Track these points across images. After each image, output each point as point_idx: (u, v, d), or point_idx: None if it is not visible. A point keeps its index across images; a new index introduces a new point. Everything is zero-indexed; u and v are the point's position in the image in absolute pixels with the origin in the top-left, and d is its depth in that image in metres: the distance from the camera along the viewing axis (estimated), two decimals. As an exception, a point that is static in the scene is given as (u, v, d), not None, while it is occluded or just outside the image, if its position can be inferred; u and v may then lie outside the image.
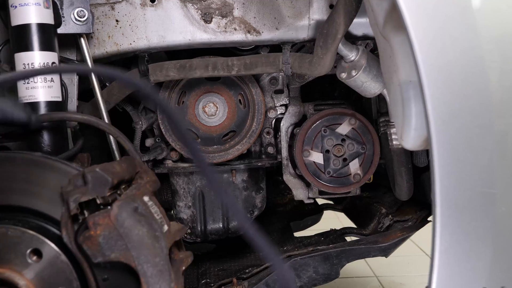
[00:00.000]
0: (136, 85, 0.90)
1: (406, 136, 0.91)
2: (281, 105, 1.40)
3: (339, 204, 1.90)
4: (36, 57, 0.96)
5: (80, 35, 1.07)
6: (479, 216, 0.75)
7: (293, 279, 1.20)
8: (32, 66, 0.96)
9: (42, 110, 0.96)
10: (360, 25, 1.15)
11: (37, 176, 0.86)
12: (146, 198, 0.82)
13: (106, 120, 1.11)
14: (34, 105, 0.95)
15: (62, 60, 1.11)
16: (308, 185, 1.40)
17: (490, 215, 0.75)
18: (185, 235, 1.47)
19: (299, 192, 1.42)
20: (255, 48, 1.27)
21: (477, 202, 0.74)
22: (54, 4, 1.01)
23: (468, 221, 0.75)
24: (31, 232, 0.83)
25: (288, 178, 1.40)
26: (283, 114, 1.39)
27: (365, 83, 1.11)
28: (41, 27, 0.96)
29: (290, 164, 1.39)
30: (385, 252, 1.30)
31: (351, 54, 1.11)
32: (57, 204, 0.82)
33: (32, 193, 0.86)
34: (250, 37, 1.15)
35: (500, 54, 0.71)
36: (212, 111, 1.33)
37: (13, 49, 0.98)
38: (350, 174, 1.33)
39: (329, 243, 1.37)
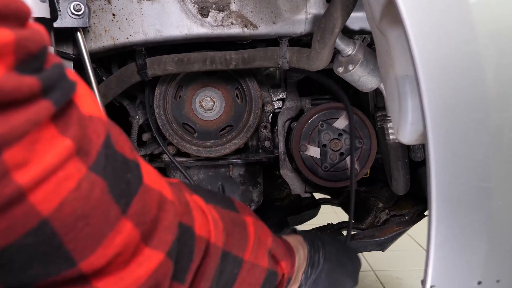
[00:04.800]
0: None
1: (403, 131, 0.92)
2: (278, 100, 1.40)
3: (336, 199, 1.90)
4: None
5: (76, 29, 1.06)
6: (475, 210, 0.75)
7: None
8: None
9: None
10: (357, 19, 1.15)
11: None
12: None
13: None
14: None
15: (58, 54, 1.11)
16: (305, 179, 1.41)
17: (485, 209, 0.75)
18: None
19: (296, 187, 1.42)
20: (252, 43, 1.27)
21: (472, 196, 0.74)
22: (50, -2, 1.00)
23: (464, 215, 0.75)
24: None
25: (285, 172, 1.40)
26: (280, 108, 1.39)
27: (362, 77, 1.11)
28: (37, 21, 0.96)
29: (287, 159, 1.39)
30: (382, 246, 1.31)
31: (348, 49, 1.11)
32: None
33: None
34: (247, 31, 1.15)
35: (496, 48, 0.71)
36: (209, 105, 1.33)
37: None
38: (347, 168, 1.33)
39: (326, 237, 1.37)
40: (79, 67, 1.11)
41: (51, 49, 0.99)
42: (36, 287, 0.45)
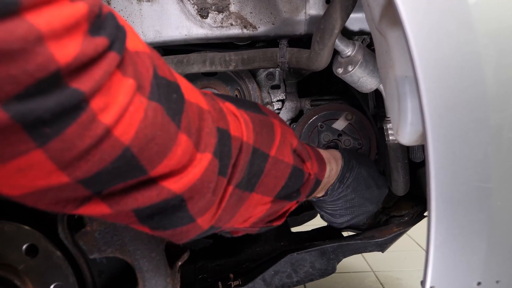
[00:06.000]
0: None
1: (402, 131, 0.91)
2: (277, 101, 1.40)
3: (336, 200, 1.90)
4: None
5: (76, 30, 1.06)
6: (474, 211, 0.75)
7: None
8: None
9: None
10: (356, 20, 1.15)
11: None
12: (142, 193, 0.82)
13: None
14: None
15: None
16: (305, 180, 1.40)
17: (485, 209, 0.75)
18: (182, 231, 1.46)
19: (296, 188, 1.42)
20: (251, 43, 1.27)
21: (472, 197, 0.74)
22: (50, -1, 1.00)
23: (463, 215, 0.75)
24: (27, 227, 0.83)
25: (285, 173, 1.40)
26: (280, 109, 1.39)
27: (362, 78, 1.11)
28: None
29: (287, 160, 1.39)
30: (382, 247, 1.31)
31: (348, 50, 1.11)
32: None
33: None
34: (247, 32, 1.15)
35: (495, 48, 0.71)
36: (209, 106, 1.33)
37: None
38: (347, 169, 1.33)
39: (326, 238, 1.37)
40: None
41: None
42: (115, 188, 0.55)
